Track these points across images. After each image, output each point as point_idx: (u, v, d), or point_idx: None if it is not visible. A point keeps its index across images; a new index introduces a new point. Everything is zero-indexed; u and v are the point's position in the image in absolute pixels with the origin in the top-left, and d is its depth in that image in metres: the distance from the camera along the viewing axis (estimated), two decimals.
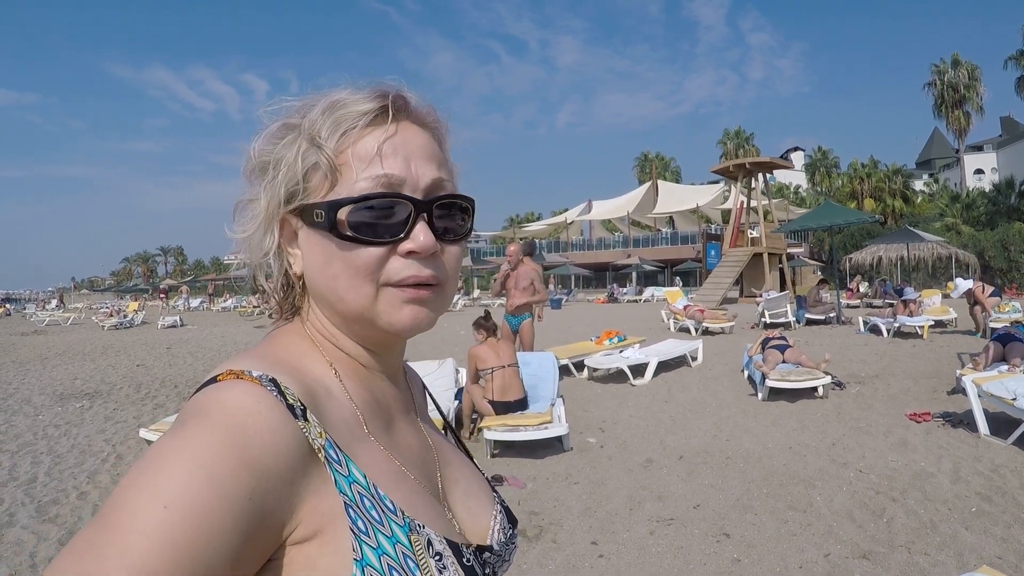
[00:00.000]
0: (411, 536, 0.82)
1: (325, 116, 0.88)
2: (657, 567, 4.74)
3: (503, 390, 7.76)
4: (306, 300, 0.96)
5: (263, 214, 0.90)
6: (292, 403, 0.79)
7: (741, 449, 7.46)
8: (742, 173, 36.57)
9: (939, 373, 11.40)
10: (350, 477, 0.81)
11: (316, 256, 0.89)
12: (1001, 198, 50.97)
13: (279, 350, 0.92)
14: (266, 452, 0.73)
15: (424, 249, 0.87)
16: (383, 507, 0.82)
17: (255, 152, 0.91)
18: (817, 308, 20.71)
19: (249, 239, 0.93)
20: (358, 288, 0.87)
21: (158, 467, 0.70)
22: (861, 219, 24.73)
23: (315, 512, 0.77)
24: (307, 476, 0.77)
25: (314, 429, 0.80)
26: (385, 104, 0.89)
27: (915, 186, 71.57)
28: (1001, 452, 6.93)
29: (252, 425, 0.74)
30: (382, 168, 0.87)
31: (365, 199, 0.85)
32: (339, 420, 0.86)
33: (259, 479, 0.72)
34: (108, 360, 18.15)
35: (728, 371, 12.63)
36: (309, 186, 0.88)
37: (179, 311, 46.47)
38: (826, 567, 4.60)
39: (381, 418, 0.95)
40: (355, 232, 0.85)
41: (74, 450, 8.16)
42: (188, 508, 0.66)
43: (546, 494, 6.23)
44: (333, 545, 0.77)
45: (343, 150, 0.87)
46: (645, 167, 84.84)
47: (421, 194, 0.89)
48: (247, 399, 0.76)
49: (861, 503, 5.73)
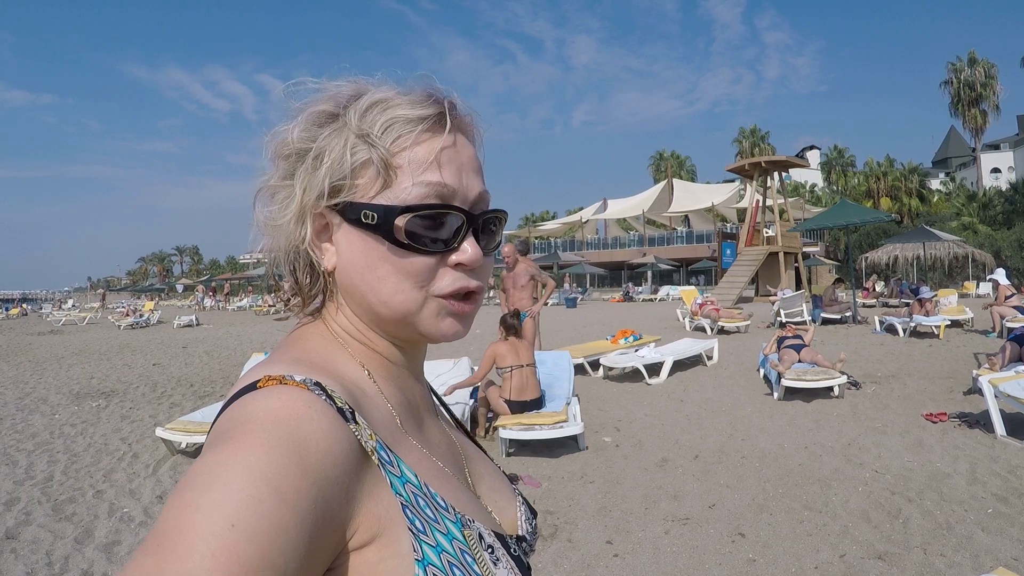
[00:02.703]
0: (464, 531, 0.82)
1: (378, 113, 0.86)
2: (672, 567, 4.73)
3: (520, 389, 7.77)
4: (333, 297, 0.94)
5: (296, 204, 0.87)
6: (341, 406, 0.78)
7: (757, 449, 7.45)
8: (758, 172, 36.44)
9: (955, 373, 11.34)
10: (403, 477, 0.81)
11: (358, 256, 0.87)
12: (1018, 197, 50.55)
13: (310, 353, 0.89)
14: (323, 458, 0.71)
15: (473, 263, 0.88)
16: (436, 505, 0.82)
17: (294, 137, 0.87)
18: (833, 307, 20.61)
19: (277, 227, 0.89)
20: (407, 293, 0.86)
21: (217, 483, 0.66)
22: (877, 218, 24.60)
23: (372, 515, 0.76)
24: (362, 480, 0.76)
25: (365, 431, 0.79)
26: (442, 111, 0.88)
27: (931, 185, 71.31)
28: (1018, 453, 6.88)
29: (307, 431, 0.72)
30: (440, 176, 0.86)
31: (427, 208, 0.85)
32: (379, 421, 0.85)
33: (320, 486, 0.70)
34: (124, 359, 18.26)
35: (744, 370, 12.60)
36: (357, 183, 0.85)
37: (194, 310, 46.65)
38: (842, 568, 4.59)
39: (413, 417, 0.95)
40: (411, 240, 0.84)
41: (90, 449, 8.20)
42: (256, 524, 0.63)
43: (561, 493, 6.23)
44: (393, 548, 0.76)
45: (398, 152, 0.85)
46: (660, 166, 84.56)
47: (469, 206, 0.89)
48: (298, 405, 0.74)
49: (877, 503, 5.70)
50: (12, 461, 7.71)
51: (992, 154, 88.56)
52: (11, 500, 6.35)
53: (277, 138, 0.89)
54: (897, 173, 64.92)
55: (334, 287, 0.93)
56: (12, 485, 6.80)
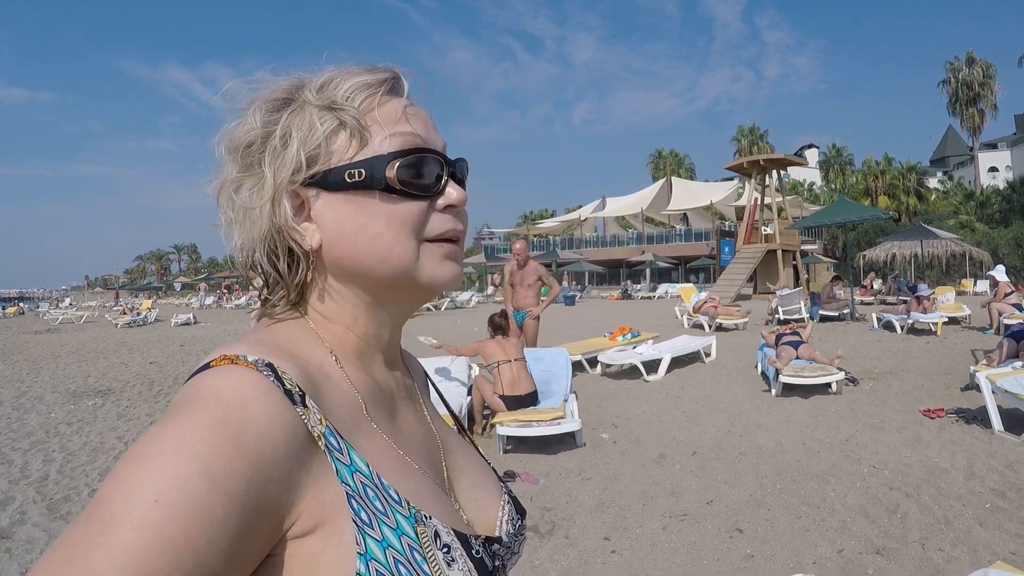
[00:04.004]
0: (417, 527, 0.80)
1: (337, 83, 0.87)
2: (670, 563, 4.73)
3: (512, 384, 7.77)
4: (314, 279, 0.91)
5: (270, 186, 0.85)
6: (290, 388, 0.76)
7: (754, 445, 7.45)
8: (756, 170, 36.44)
9: (953, 369, 11.35)
10: (352, 466, 0.79)
11: (347, 220, 0.86)
12: (1015, 196, 50.54)
13: (276, 336, 0.88)
14: (263, 440, 0.70)
15: (461, 202, 0.90)
16: (387, 497, 0.80)
17: (257, 122, 0.86)
18: (831, 304, 20.62)
19: (252, 215, 0.87)
20: (404, 243, 0.86)
21: (147, 458, 0.66)
22: (875, 216, 24.65)
23: (316, 503, 0.74)
24: (307, 465, 0.74)
25: (313, 416, 0.77)
26: (396, 75, 0.91)
27: (929, 183, 71.24)
28: (1015, 448, 6.89)
29: (248, 412, 0.71)
30: (411, 127, 0.88)
31: (411, 152, 0.86)
32: (339, 407, 0.83)
33: (256, 469, 0.69)
34: (121, 358, 18.27)
35: (741, 367, 12.60)
36: (333, 149, 0.85)
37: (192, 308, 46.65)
38: (840, 562, 4.59)
39: (384, 405, 0.93)
40: (403, 187, 0.85)
41: (86, 448, 8.19)
42: (181, 501, 0.63)
43: (559, 490, 6.23)
44: (335, 538, 0.74)
45: (367, 112, 0.86)
46: (659, 164, 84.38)
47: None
48: (243, 384, 0.73)
49: (875, 499, 5.70)
50: (7, 460, 7.69)
51: (990, 153, 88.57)
52: (6, 499, 6.34)
53: (231, 132, 0.88)
54: (895, 172, 64.87)
55: (318, 269, 0.91)
56: (7, 484, 6.78)
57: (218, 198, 0.89)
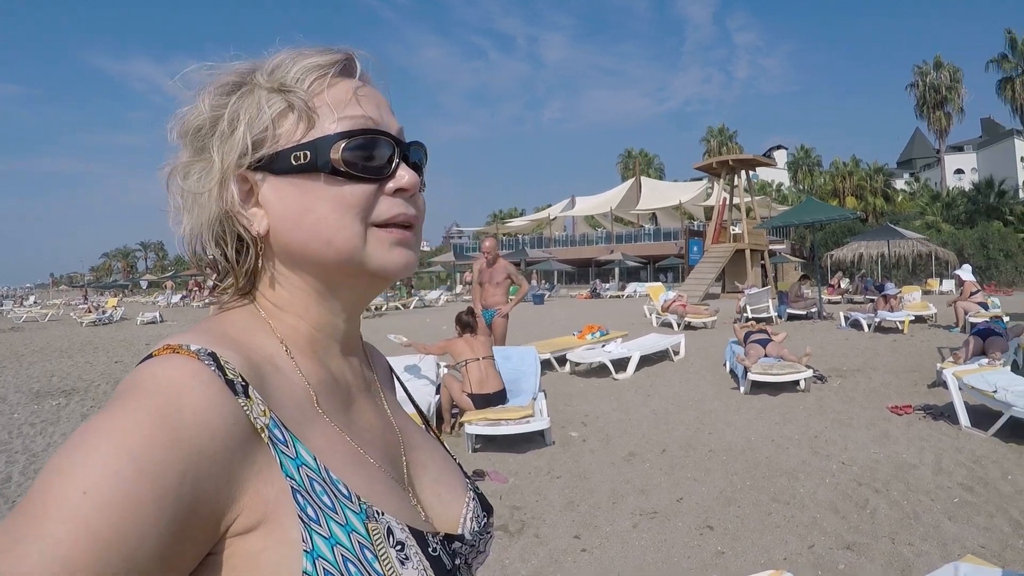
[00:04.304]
0: (368, 524, 0.77)
1: (288, 66, 0.85)
2: (641, 560, 4.71)
3: (481, 382, 7.74)
4: (263, 267, 0.89)
5: (217, 170, 0.84)
6: (232, 378, 0.73)
7: (724, 442, 7.45)
8: (725, 170, 36.54)
9: (920, 367, 11.43)
10: (298, 459, 0.76)
11: (293, 204, 0.84)
12: (980, 197, 51.24)
13: (223, 324, 0.86)
14: (200, 431, 0.68)
15: (412, 186, 0.87)
16: (336, 492, 0.76)
17: (205, 106, 0.84)
18: (799, 303, 20.74)
19: (199, 200, 0.85)
20: (349, 227, 0.83)
21: (80, 449, 0.64)
22: (842, 216, 24.83)
23: (259, 498, 0.72)
24: (248, 459, 0.72)
25: (257, 407, 0.74)
26: (349, 56, 0.89)
27: (896, 185, 72.05)
28: (982, 444, 6.94)
29: (185, 402, 0.68)
30: (362, 110, 0.86)
31: (359, 133, 0.84)
32: (288, 398, 0.81)
33: (191, 461, 0.66)
34: (86, 357, 18.04)
35: (710, 365, 12.63)
36: (280, 132, 0.83)
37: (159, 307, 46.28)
38: (811, 558, 4.60)
39: (338, 397, 0.90)
40: (348, 168, 0.82)
41: (50, 448, 8.05)
42: (109, 493, 0.61)
43: (528, 488, 6.20)
44: (279, 535, 0.71)
45: (316, 94, 0.84)
46: (629, 164, 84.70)
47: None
48: (182, 374, 0.71)
49: (844, 494, 5.73)
50: None
51: (956, 155, 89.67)
52: None
53: (181, 117, 0.86)
54: (863, 173, 65.51)
55: (267, 256, 0.88)
56: None
57: (168, 184, 0.87)
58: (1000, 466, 6.27)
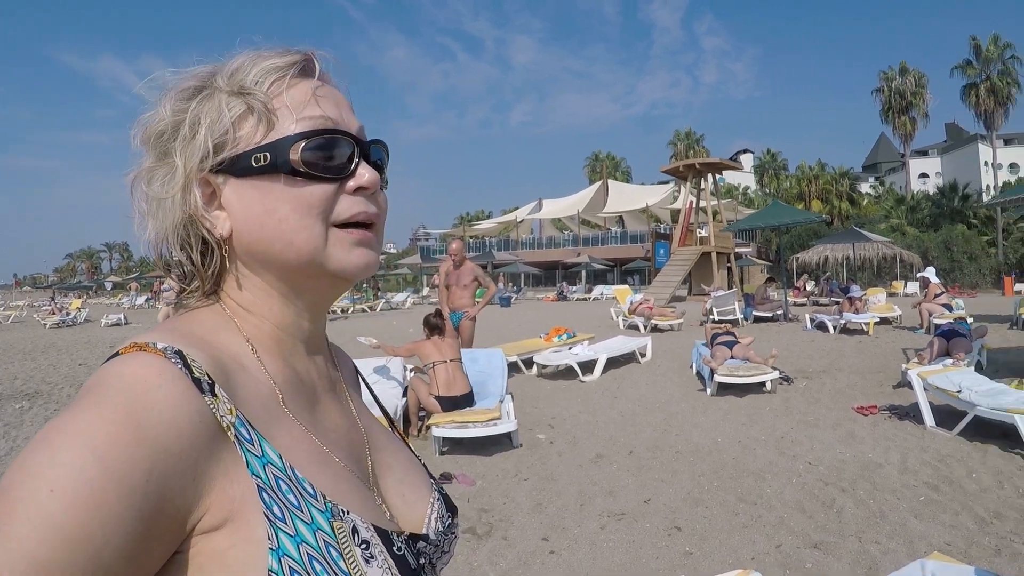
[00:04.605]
0: (334, 522, 0.77)
1: (247, 68, 0.86)
2: (609, 562, 4.69)
3: (448, 384, 7.69)
4: (230, 271, 0.89)
5: (180, 174, 0.84)
6: (199, 376, 0.73)
7: (691, 443, 7.46)
8: (692, 173, 36.82)
9: (885, 368, 11.55)
10: (264, 458, 0.76)
11: (254, 206, 0.84)
12: (945, 201, 52.00)
13: (190, 324, 0.86)
14: (166, 430, 0.68)
15: (372, 184, 0.87)
16: (302, 491, 0.77)
17: (166, 111, 0.85)
18: (765, 306, 20.88)
19: (164, 205, 0.86)
20: (310, 228, 0.83)
21: (46, 448, 0.64)
22: (808, 219, 25.01)
23: (225, 497, 0.72)
24: (215, 457, 0.72)
25: (223, 405, 0.74)
26: (308, 56, 0.89)
27: (861, 188, 72.99)
28: (947, 443, 7.01)
29: (150, 400, 0.68)
30: (321, 110, 0.86)
31: (318, 133, 0.84)
32: (253, 397, 0.81)
33: (157, 459, 0.66)
34: (49, 359, 17.79)
35: (677, 367, 12.66)
36: (240, 135, 0.84)
37: (123, 308, 45.85)
38: (778, 557, 4.60)
39: (303, 396, 0.90)
40: (308, 168, 0.83)
41: (13, 452, 7.92)
42: (75, 491, 0.61)
43: (496, 491, 6.16)
44: (245, 533, 0.71)
45: (276, 96, 0.85)
46: (596, 167, 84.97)
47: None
48: (148, 372, 0.70)
49: (811, 494, 5.74)
50: None
51: (921, 160, 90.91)
52: None
53: (144, 123, 0.87)
54: (828, 177, 66.16)
55: (231, 258, 0.89)
56: None
57: (132, 190, 0.88)
58: (965, 465, 6.32)
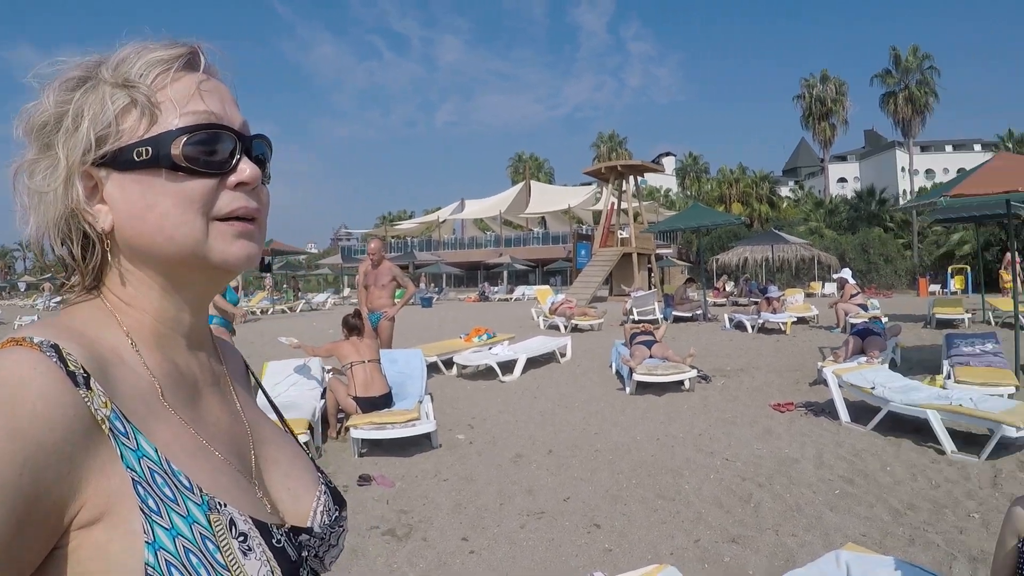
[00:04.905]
0: (210, 515, 0.76)
1: (132, 60, 0.84)
2: (529, 560, 4.66)
3: (366, 385, 7.60)
4: (110, 263, 0.87)
5: (63, 167, 0.82)
6: (73, 370, 0.72)
7: (610, 442, 7.47)
8: (614, 175, 37.06)
9: (802, 366, 11.76)
10: (139, 451, 0.75)
11: (135, 200, 0.83)
12: (862, 205, 53.49)
13: (69, 318, 0.85)
14: (39, 423, 0.67)
15: (253, 180, 0.87)
16: (177, 484, 0.76)
17: (50, 102, 0.83)
18: (684, 306, 21.11)
19: (45, 198, 0.84)
20: (190, 223, 0.83)
21: None
22: (728, 221, 25.39)
23: (101, 491, 0.71)
24: (90, 451, 0.71)
25: (98, 399, 0.73)
26: (194, 50, 0.89)
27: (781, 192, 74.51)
28: (862, 438, 7.14)
29: (24, 394, 0.67)
30: (205, 105, 0.85)
31: (200, 128, 0.83)
32: (131, 391, 0.80)
33: (30, 453, 0.65)
34: None
35: (596, 366, 12.71)
36: (123, 128, 0.82)
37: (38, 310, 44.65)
38: (697, 552, 4.62)
39: (184, 390, 0.89)
40: (189, 163, 0.82)
41: None
42: None
43: (415, 492, 6.09)
44: (122, 527, 0.71)
45: (160, 89, 0.84)
46: (519, 167, 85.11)
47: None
48: (22, 366, 0.70)
49: (728, 490, 5.79)
50: None
51: (839, 165, 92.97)
52: None
53: (27, 114, 0.85)
54: (749, 180, 67.40)
55: (113, 253, 0.87)
56: None
57: (14, 183, 0.86)
58: (879, 458, 6.45)
